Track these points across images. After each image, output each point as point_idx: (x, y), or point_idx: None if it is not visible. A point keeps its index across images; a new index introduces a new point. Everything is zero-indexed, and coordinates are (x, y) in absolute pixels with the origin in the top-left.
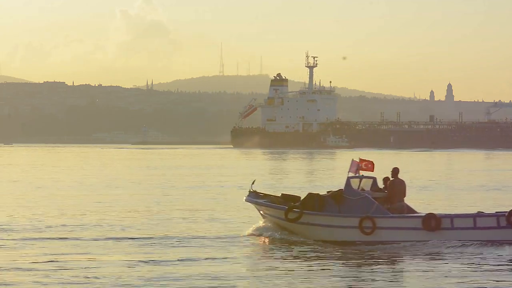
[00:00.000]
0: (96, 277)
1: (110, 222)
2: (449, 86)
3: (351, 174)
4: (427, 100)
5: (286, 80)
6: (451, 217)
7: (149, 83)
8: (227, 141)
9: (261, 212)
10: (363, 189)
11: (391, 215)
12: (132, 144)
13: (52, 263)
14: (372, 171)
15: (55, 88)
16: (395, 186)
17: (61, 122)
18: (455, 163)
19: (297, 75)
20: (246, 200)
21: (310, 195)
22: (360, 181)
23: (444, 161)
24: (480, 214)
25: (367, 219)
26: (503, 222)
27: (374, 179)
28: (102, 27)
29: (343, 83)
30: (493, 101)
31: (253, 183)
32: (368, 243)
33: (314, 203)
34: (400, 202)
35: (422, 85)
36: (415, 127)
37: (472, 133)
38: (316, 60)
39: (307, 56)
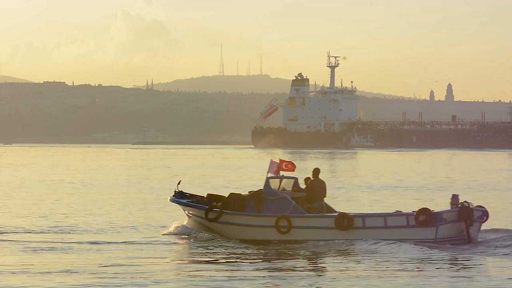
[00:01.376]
0: None
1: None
2: (449, 86)
3: (270, 175)
4: (427, 100)
5: (307, 80)
6: (363, 216)
7: (149, 83)
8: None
9: (186, 212)
10: (284, 189)
11: (306, 214)
12: (132, 144)
13: None
14: (293, 171)
15: (55, 88)
16: (315, 186)
17: (61, 122)
18: (487, 163)
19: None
20: (170, 200)
21: (231, 195)
22: (281, 181)
23: (475, 162)
24: (390, 214)
25: (283, 219)
26: (412, 222)
27: (296, 179)
28: (103, 27)
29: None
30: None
31: (179, 183)
32: (284, 242)
33: (235, 203)
34: (320, 202)
35: (422, 85)
36: (437, 127)
37: (495, 133)
38: (337, 60)
39: (329, 56)
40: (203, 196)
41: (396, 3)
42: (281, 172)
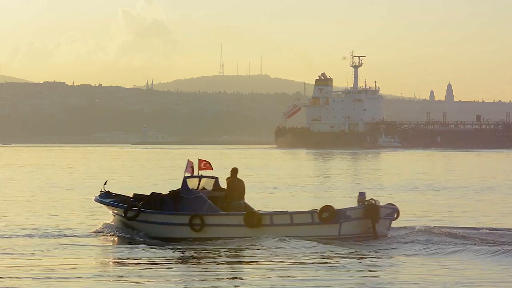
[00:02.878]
0: None
1: None
2: (449, 86)
3: (187, 174)
4: (427, 100)
5: (330, 79)
6: (271, 214)
7: (149, 83)
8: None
9: (111, 211)
10: (204, 188)
11: (218, 212)
12: (132, 144)
13: None
14: (211, 170)
15: (55, 88)
16: (233, 185)
17: (61, 122)
18: None
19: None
20: (95, 200)
21: (151, 195)
22: (200, 181)
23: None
24: (296, 211)
25: (196, 217)
26: (316, 219)
27: (216, 178)
28: (104, 27)
29: (343, 82)
30: None
31: (105, 183)
32: (198, 240)
33: (155, 202)
34: (238, 201)
35: (422, 85)
36: (461, 127)
37: None
38: (361, 60)
39: (352, 56)
40: (129, 196)
41: (396, 3)
42: (200, 171)
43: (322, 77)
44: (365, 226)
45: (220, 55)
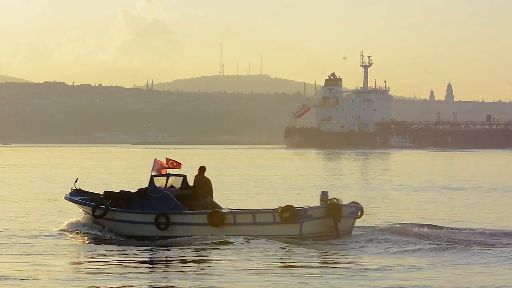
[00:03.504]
0: None
1: None
2: (449, 86)
3: (154, 173)
4: (427, 100)
5: (340, 79)
6: (234, 213)
7: (149, 83)
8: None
9: (81, 209)
10: (172, 186)
11: (183, 211)
12: (132, 144)
13: None
14: (179, 168)
15: (55, 88)
16: (199, 183)
17: (61, 122)
18: None
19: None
20: (65, 198)
21: (119, 193)
22: (167, 179)
23: None
24: (259, 210)
25: (161, 216)
26: (278, 218)
27: (184, 177)
28: (104, 27)
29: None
30: None
31: (76, 181)
32: (164, 238)
33: (123, 200)
34: (205, 199)
35: (422, 85)
36: (471, 127)
37: None
38: (371, 60)
39: (362, 56)
40: (100, 194)
41: (396, 3)
42: (167, 170)
43: (332, 77)
44: (328, 225)
45: (220, 55)
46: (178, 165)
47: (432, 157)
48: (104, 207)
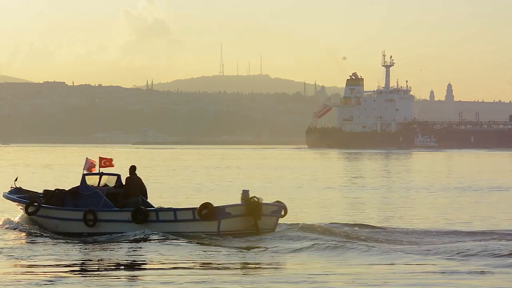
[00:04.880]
0: None
1: None
2: (449, 86)
3: (85, 172)
4: (427, 100)
5: (362, 79)
6: (157, 211)
7: (149, 83)
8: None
9: (19, 207)
10: (106, 185)
11: (110, 209)
12: (132, 144)
13: None
14: (113, 166)
15: (55, 88)
16: (130, 183)
17: (61, 122)
18: None
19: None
20: (3, 196)
21: (54, 191)
22: (100, 178)
23: None
24: (179, 208)
25: (89, 213)
26: (197, 216)
27: (119, 176)
28: (105, 27)
29: (343, 83)
30: None
31: (16, 180)
32: (92, 235)
33: (57, 198)
34: (136, 197)
35: (422, 85)
36: (494, 126)
37: None
38: (392, 59)
39: (384, 55)
40: (39, 192)
41: (396, 3)
42: (100, 169)
43: (353, 77)
44: (247, 222)
45: (220, 55)
46: (110, 164)
47: (462, 157)
48: (37, 204)
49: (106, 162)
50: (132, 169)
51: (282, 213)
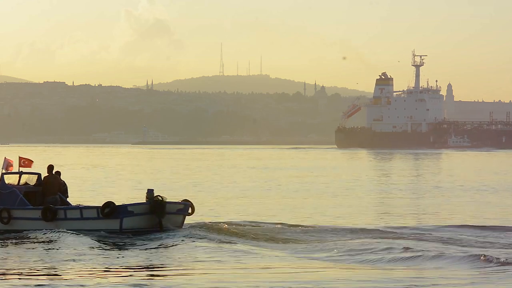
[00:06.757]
0: None
1: None
2: (449, 86)
3: (4, 171)
4: None
5: (391, 79)
6: (65, 209)
7: (149, 83)
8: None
9: None
10: (26, 184)
11: (23, 207)
12: (132, 144)
13: None
14: (30, 167)
15: (55, 88)
16: (48, 181)
17: (61, 122)
18: None
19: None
20: None
21: None
22: (20, 177)
23: None
24: (85, 206)
25: (4, 211)
26: (100, 214)
27: (39, 174)
28: (107, 28)
29: (343, 83)
30: None
31: None
32: (7, 232)
33: None
34: (54, 196)
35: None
36: None
37: None
38: (422, 59)
39: (414, 55)
40: None
41: (396, 3)
42: (20, 168)
43: (383, 77)
44: (151, 220)
45: (220, 55)
46: (29, 163)
47: (505, 158)
48: None
49: (25, 161)
50: (49, 168)
51: (190, 211)
